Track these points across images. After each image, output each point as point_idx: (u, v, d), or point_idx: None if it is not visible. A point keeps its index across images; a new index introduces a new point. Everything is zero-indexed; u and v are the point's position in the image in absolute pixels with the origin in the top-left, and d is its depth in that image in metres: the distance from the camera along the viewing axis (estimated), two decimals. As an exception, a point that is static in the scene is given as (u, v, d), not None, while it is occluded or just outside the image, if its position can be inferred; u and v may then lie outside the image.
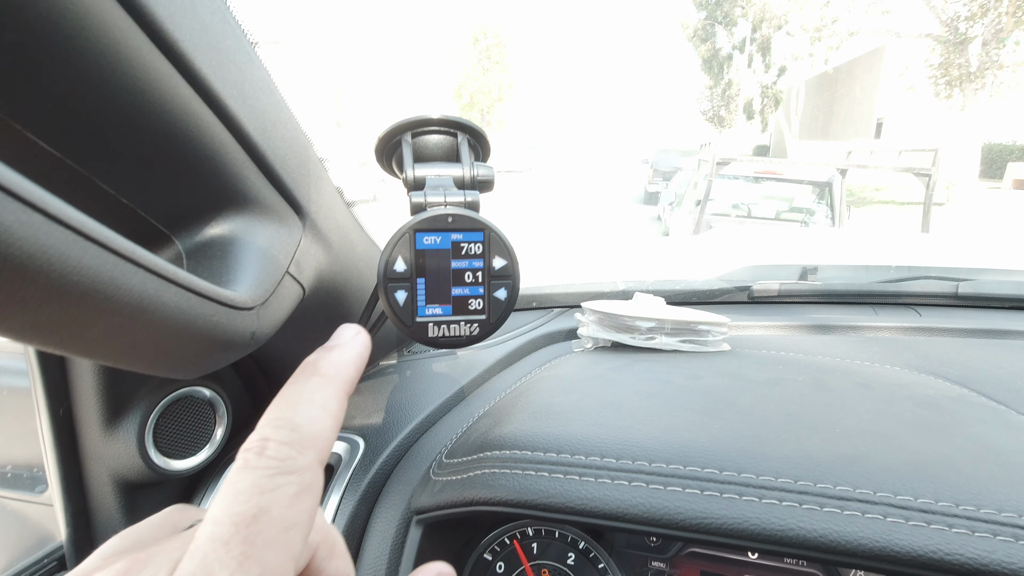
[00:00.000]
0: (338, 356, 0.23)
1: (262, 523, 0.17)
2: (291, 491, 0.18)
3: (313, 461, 0.19)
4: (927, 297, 0.95)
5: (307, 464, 0.19)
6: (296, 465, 0.19)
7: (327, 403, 0.21)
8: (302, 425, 0.20)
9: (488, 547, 0.56)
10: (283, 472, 0.18)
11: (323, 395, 0.21)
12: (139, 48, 0.27)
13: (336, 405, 0.22)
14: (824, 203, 4.62)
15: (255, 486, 0.18)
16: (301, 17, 19.13)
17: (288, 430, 0.19)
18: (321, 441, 0.20)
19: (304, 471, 0.19)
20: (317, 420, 0.20)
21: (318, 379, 0.22)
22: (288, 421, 0.20)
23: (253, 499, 0.17)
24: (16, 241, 0.17)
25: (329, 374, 0.22)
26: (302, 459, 0.19)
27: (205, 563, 0.16)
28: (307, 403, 0.21)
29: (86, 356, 0.25)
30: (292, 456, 0.19)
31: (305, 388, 0.21)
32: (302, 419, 0.20)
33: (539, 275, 1.09)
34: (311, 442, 0.20)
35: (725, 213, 5.01)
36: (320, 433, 0.20)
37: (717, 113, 25.85)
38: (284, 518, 0.18)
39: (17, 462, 0.68)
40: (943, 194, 11.15)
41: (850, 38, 14.38)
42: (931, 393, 0.56)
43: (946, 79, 11.79)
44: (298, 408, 0.20)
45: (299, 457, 0.19)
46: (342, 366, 0.23)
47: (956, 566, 0.34)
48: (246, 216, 0.39)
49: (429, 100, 29.57)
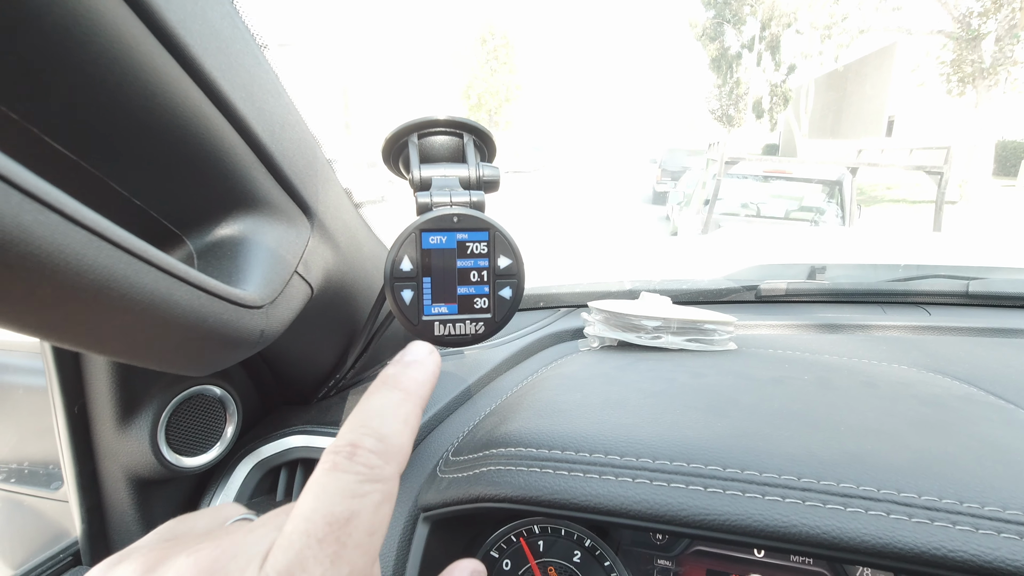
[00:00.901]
0: (417, 372, 0.24)
1: (353, 525, 0.18)
2: (377, 498, 0.19)
3: (395, 472, 0.20)
4: (937, 296, 0.94)
5: (391, 474, 0.20)
6: (383, 474, 0.19)
7: (409, 417, 0.22)
8: (389, 436, 0.21)
9: (495, 544, 0.56)
10: (371, 480, 0.19)
11: (405, 409, 0.22)
12: (151, 53, 0.28)
13: (416, 420, 0.22)
14: (834, 202, 4.58)
15: (347, 490, 0.18)
16: (310, 19, 19.26)
17: (376, 439, 0.20)
18: (403, 454, 0.21)
19: (388, 480, 0.20)
20: (400, 433, 0.21)
21: (401, 394, 0.23)
22: (375, 431, 0.20)
23: (346, 502, 0.18)
24: (35, 240, 0.17)
25: (410, 389, 0.23)
26: (388, 468, 0.20)
27: (300, 557, 0.17)
28: (392, 416, 0.21)
29: (101, 353, 0.25)
30: (379, 465, 0.20)
31: (390, 401, 0.22)
32: (389, 431, 0.21)
33: (546, 275, 1.09)
34: (395, 454, 0.20)
35: (734, 212, 4.99)
36: (403, 446, 0.21)
37: (726, 112, 25.72)
38: (371, 523, 0.18)
39: (34, 459, 0.70)
40: (956, 192, 11.02)
41: (860, 36, 14.25)
42: (937, 392, 0.56)
43: (959, 76, 11.65)
44: (384, 419, 0.21)
45: (385, 467, 0.20)
46: (421, 382, 0.24)
47: (960, 563, 0.34)
48: (255, 217, 0.40)
49: (437, 101, 29.64)
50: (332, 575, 0.17)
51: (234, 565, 0.18)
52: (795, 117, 24.05)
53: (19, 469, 0.70)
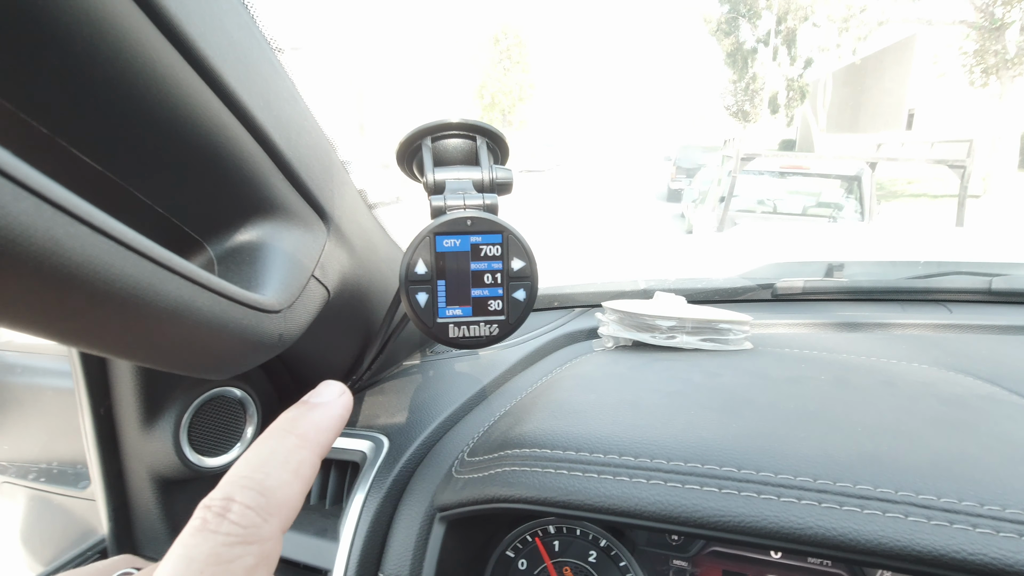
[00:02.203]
0: (320, 416, 0.22)
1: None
2: (249, 562, 0.17)
3: (276, 529, 0.18)
4: (958, 293, 0.92)
5: (270, 533, 0.18)
6: (259, 534, 0.17)
7: (301, 467, 0.20)
8: (272, 489, 0.18)
9: (510, 544, 0.56)
10: (244, 541, 0.17)
11: (298, 457, 0.20)
12: (173, 66, 0.29)
13: (309, 470, 0.20)
14: (853, 197, 4.51)
15: (212, 555, 0.16)
16: (324, 22, 19.44)
17: (256, 493, 0.18)
18: (288, 509, 0.19)
19: (266, 541, 0.17)
20: (287, 485, 0.19)
21: (294, 439, 0.20)
22: (257, 483, 0.18)
23: (210, 570, 0.16)
24: (67, 252, 0.18)
25: (308, 436, 0.21)
26: (266, 527, 0.18)
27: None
28: (281, 465, 0.19)
29: (127, 358, 0.26)
30: (256, 524, 0.17)
31: (281, 448, 0.20)
32: (273, 482, 0.18)
33: (560, 275, 1.09)
34: (278, 509, 0.18)
35: (750, 209, 4.93)
36: (288, 500, 0.19)
37: (741, 108, 25.43)
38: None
39: (62, 459, 0.71)
40: (979, 186, 10.77)
41: (879, 27, 13.99)
42: (958, 391, 0.55)
43: (981, 66, 11.38)
44: (270, 469, 0.19)
45: (263, 525, 0.18)
46: (322, 429, 0.21)
47: (980, 566, 0.34)
48: (273, 222, 0.41)
49: (451, 101, 29.74)
50: None
51: None
52: (812, 112, 23.70)
53: (48, 468, 0.72)
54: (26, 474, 0.72)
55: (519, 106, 31.70)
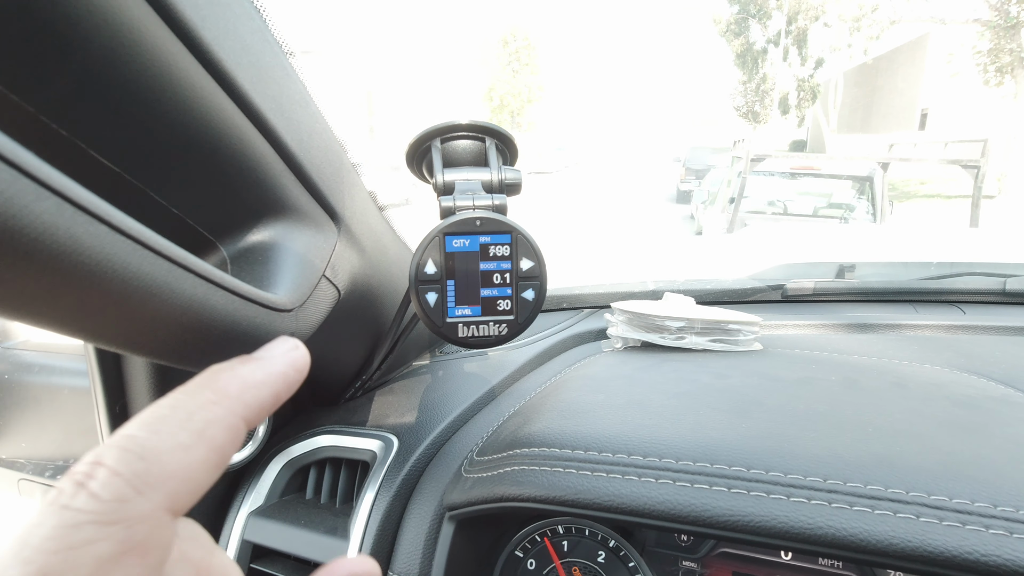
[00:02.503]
0: (249, 372, 0.18)
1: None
2: (104, 550, 0.12)
3: (156, 508, 0.13)
4: (972, 294, 0.91)
5: (144, 513, 0.13)
6: (125, 513, 0.12)
7: (209, 429, 0.15)
8: (158, 453, 0.14)
9: (519, 544, 0.57)
10: (100, 521, 0.12)
11: (206, 416, 0.15)
12: (188, 70, 0.29)
13: (223, 435, 0.15)
14: (864, 198, 4.47)
15: (51, 539, 0.12)
16: (334, 25, 19.57)
17: (134, 456, 0.13)
18: (179, 481, 0.14)
19: (136, 523, 0.13)
20: (184, 450, 0.14)
21: (210, 395, 0.16)
22: (139, 445, 0.13)
23: (39, 559, 0.11)
24: (86, 251, 0.19)
25: (228, 392, 0.16)
26: (139, 504, 0.13)
27: None
28: (179, 424, 0.14)
29: (143, 354, 0.27)
30: (123, 498, 0.13)
31: (187, 403, 0.15)
32: (162, 444, 0.14)
33: (569, 275, 1.09)
34: (161, 480, 0.13)
35: (760, 210, 4.90)
36: (181, 470, 0.14)
37: (751, 109, 25.29)
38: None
39: (78, 457, 0.72)
40: (994, 186, 10.64)
41: (891, 27, 13.87)
42: (971, 392, 0.55)
43: (996, 65, 11.25)
44: (163, 426, 0.14)
45: (135, 500, 0.13)
46: (250, 384, 0.17)
47: (993, 568, 0.34)
48: (285, 223, 0.41)
49: (460, 103, 29.83)
50: None
51: None
52: (823, 112, 23.51)
53: (65, 466, 0.73)
54: (43, 471, 0.73)
55: (528, 108, 31.74)
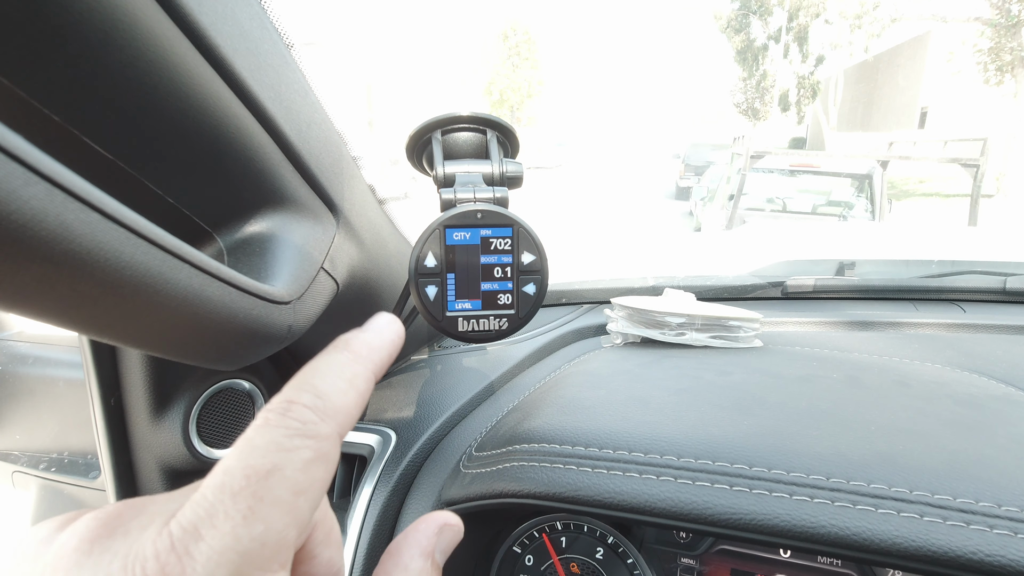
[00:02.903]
0: (371, 337, 0.23)
1: (274, 480, 0.17)
2: (307, 455, 0.18)
3: (333, 431, 0.19)
4: (972, 292, 0.91)
5: (328, 433, 0.18)
6: (316, 431, 0.18)
7: (355, 379, 0.21)
8: (328, 394, 0.19)
9: (517, 540, 0.56)
10: (303, 435, 0.18)
11: (352, 370, 0.21)
12: (184, 55, 0.28)
13: (364, 383, 0.21)
14: (863, 196, 4.46)
15: (273, 443, 0.17)
16: (334, 18, 19.47)
17: (313, 395, 0.19)
18: (344, 415, 0.19)
19: (323, 439, 0.18)
20: (343, 393, 0.20)
21: (349, 354, 0.21)
22: (314, 387, 0.19)
23: (269, 455, 0.17)
24: (77, 238, 0.18)
25: (360, 352, 0.22)
26: (323, 426, 0.18)
27: (210, 511, 0.16)
28: (336, 375, 0.20)
29: (137, 347, 0.26)
30: (314, 421, 0.18)
31: (336, 361, 0.21)
32: (329, 388, 0.19)
33: (569, 271, 1.09)
34: (334, 412, 0.19)
35: (759, 208, 4.90)
36: (344, 407, 0.20)
37: (751, 105, 25.24)
38: (297, 481, 0.17)
39: (73, 449, 0.72)
40: (993, 185, 10.64)
41: (892, 24, 13.84)
42: (973, 391, 0.54)
43: (997, 64, 11.24)
44: (326, 377, 0.20)
45: (320, 424, 0.18)
46: (374, 348, 0.23)
47: (997, 568, 0.33)
48: (283, 214, 0.41)
49: (459, 97, 29.73)
50: (244, 532, 0.16)
51: (136, 521, 0.17)
52: (823, 110, 23.48)
53: (59, 459, 0.72)
54: (38, 464, 0.73)
55: (528, 103, 31.65)
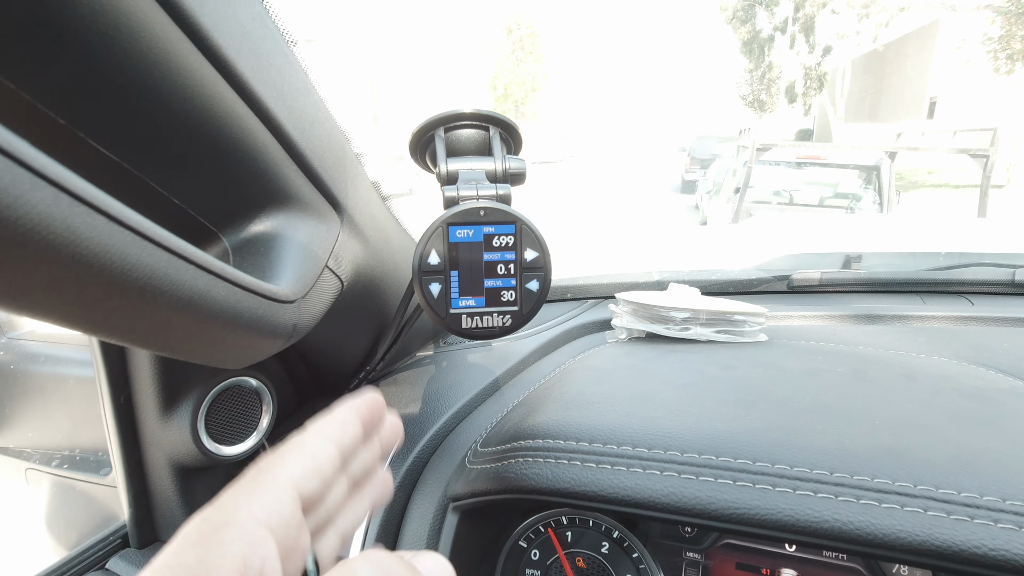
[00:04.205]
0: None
1: None
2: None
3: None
4: (980, 285, 0.90)
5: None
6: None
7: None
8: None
9: (523, 534, 0.57)
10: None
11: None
12: (187, 56, 0.29)
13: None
14: (871, 188, 4.42)
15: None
16: (337, 14, 19.42)
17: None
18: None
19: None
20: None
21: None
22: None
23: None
24: (84, 242, 0.18)
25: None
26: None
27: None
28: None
29: (144, 347, 0.27)
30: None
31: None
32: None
33: (573, 266, 1.09)
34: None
35: (766, 200, 4.86)
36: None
37: (757, 97, 25.04)
38: None
39: (84, 446, 0.73)
40: (1003, 176, 10.51)
41: (900, 13, 13.67)
42: (980, 384, 0.54)
43: (1007, 53, 11.10)
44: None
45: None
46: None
47: (1002, 562, 0.33)
48: (287, 213, 0.41)
49: (464, 92, 29.65)
50: None
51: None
52: (830, 101, 23.25)
53: (71, 456, 0.73)
54: (50, 461, 0.74)
55: (532, 97, 31.53)
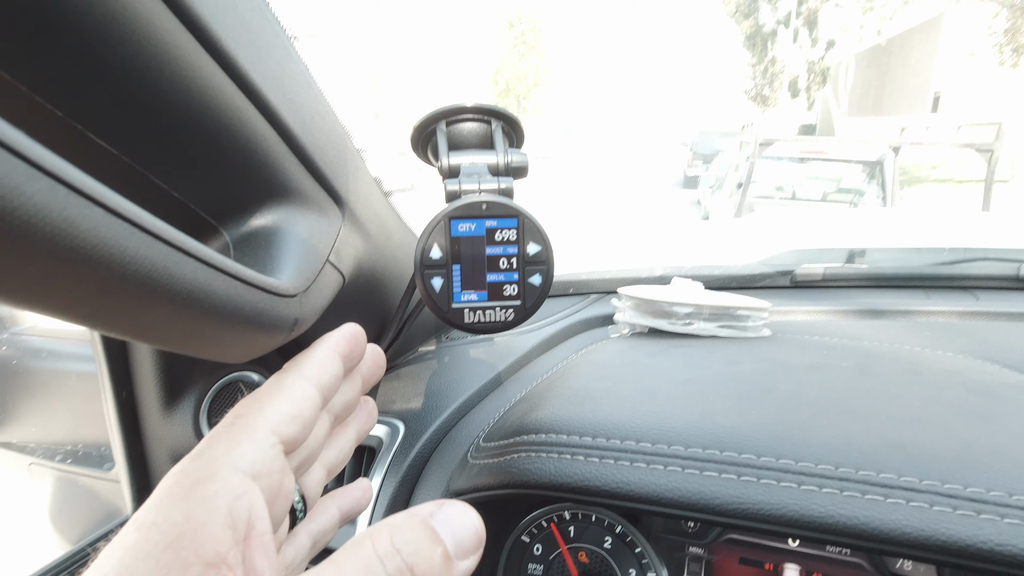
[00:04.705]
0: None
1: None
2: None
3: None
4: (985, 280, 0.90)
5: None
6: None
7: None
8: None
9: (526, 529, 0.57)
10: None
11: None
12: (185, 48, 0.28)
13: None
14: (875, 183, 4.41)
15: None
16: (339, 10, 19.38)
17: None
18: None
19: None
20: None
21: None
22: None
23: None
24: (81, 234, 0.18)
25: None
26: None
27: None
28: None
29: (144, 340, 0.26)
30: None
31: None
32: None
33: (576, 261, 1.08)
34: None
35: (769, 195, 4.85)
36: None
37: (760, 92, 24.95)
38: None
39: (87, 441, 0.73)
40: (1007, 170, 10.45)
41: (904, 6, 13.58)
42: (986, 379, 0.54)
43: (1012, 46, 11.03)
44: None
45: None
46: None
47: (1008, 558, 0.33)
48: (288, 207, 0.41)
49: (465, 87, 29.60)
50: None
51: None
52: (834, 95, 23.13)
53: (74, 450, 0.73)
54: (53, 455, 0.74)
55: (534, 92, 31.46)
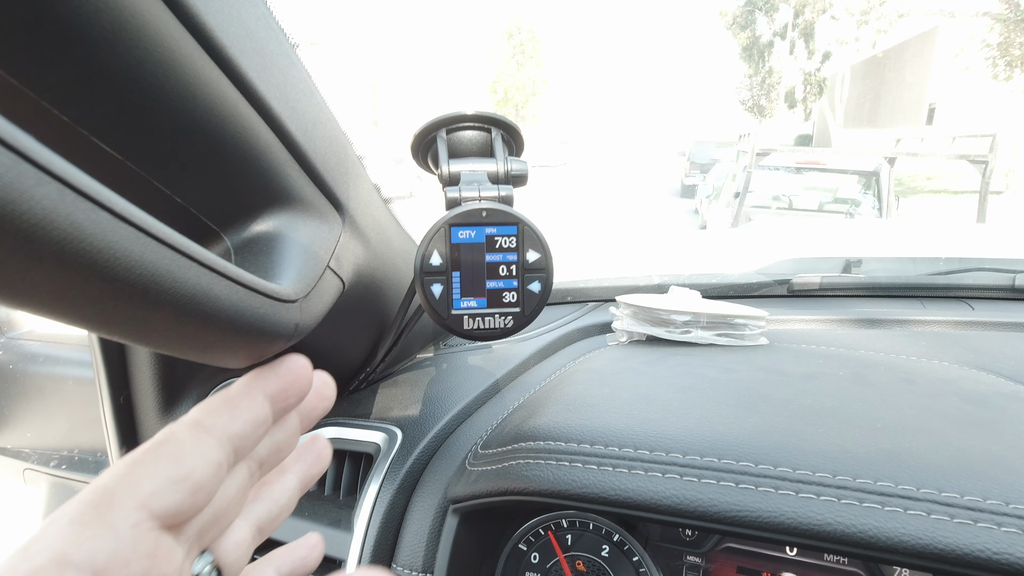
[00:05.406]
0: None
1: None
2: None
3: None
4: (980, 290, 0.90)
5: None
6: None
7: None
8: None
9: (523, 537, 0.56)
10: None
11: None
12: (191, 56, 0.29)
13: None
14: (871, 193, 4.44)
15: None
16: (339, 18, 19.48)
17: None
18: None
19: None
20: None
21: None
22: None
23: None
24: (88, 238, 0.18)
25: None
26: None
27: None
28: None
29: (146, 344, 0.27)
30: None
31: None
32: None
33: (574, 269, 1.09)
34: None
35: (765, 205, 4.88)
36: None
37: (757, 103, 25.14)
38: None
39: (83, 447, 0.73)
40: (1001, 182, 10.54)
41: (899, 20, 13.74)
42: (981, 389, 0.54)
43: (1006, 59, 11.15)
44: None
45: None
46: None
47: (1005, 566, 0.33)
48: (289, 213, 0.41)
49: (464, 96, 29.73)
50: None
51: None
52: (830, 106, 23.29)
53: (70, 456, 0.73)
54: (48, 461, 0.74)
55: (532, 101, 31.63)
